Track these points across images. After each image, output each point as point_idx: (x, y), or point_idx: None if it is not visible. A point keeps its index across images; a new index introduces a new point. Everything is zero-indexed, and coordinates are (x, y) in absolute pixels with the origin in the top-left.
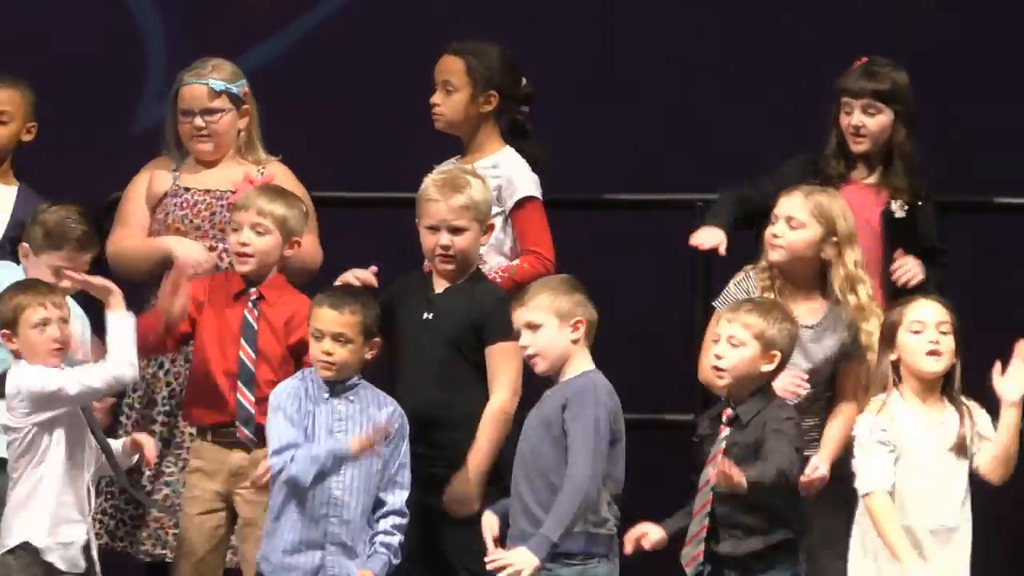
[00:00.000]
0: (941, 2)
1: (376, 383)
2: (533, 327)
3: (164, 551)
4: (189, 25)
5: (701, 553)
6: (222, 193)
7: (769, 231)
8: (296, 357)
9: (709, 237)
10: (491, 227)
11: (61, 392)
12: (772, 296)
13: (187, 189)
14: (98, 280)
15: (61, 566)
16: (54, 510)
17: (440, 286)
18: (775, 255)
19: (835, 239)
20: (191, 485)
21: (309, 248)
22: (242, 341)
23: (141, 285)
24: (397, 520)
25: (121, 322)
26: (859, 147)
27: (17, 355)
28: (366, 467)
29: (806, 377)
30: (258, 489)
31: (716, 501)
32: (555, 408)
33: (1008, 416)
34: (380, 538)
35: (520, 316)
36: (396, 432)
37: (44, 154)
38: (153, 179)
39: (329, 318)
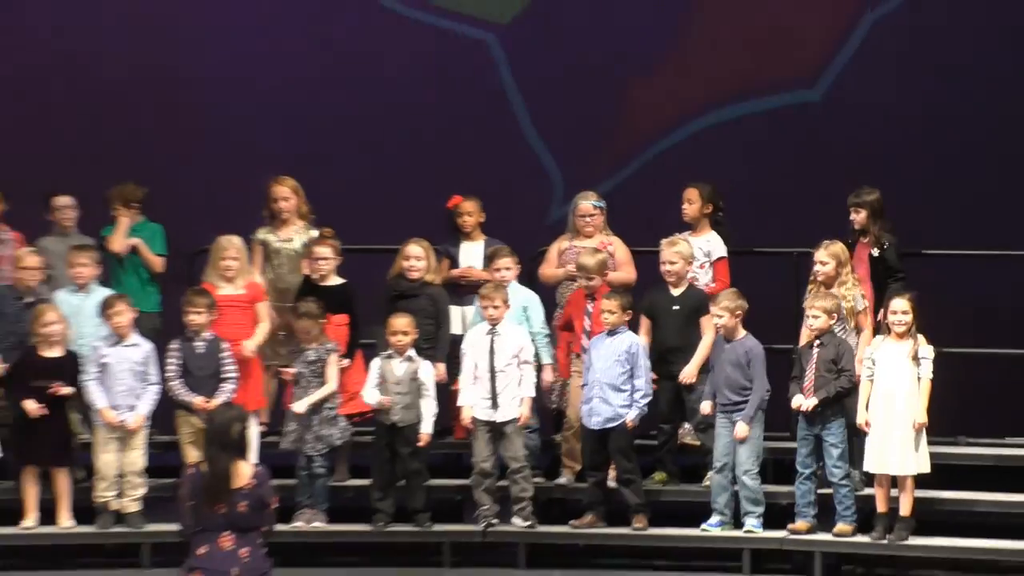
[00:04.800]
0: None
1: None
2: (733, 312)
3: None
4: (575, 166)
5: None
6: (576, 248)
7: (813, 270)
8: None
9: None
10: (691, 258)
11: None
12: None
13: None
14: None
15: None
16: None
17: (676, 291)
18: (820, 278)
19: (839, 265)
20: None
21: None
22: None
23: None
24: (637, 397)
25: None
26: (856, 226)
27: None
28: None
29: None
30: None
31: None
32: (741, 353)
33: None
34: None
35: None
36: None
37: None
38: (559, 244)
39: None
